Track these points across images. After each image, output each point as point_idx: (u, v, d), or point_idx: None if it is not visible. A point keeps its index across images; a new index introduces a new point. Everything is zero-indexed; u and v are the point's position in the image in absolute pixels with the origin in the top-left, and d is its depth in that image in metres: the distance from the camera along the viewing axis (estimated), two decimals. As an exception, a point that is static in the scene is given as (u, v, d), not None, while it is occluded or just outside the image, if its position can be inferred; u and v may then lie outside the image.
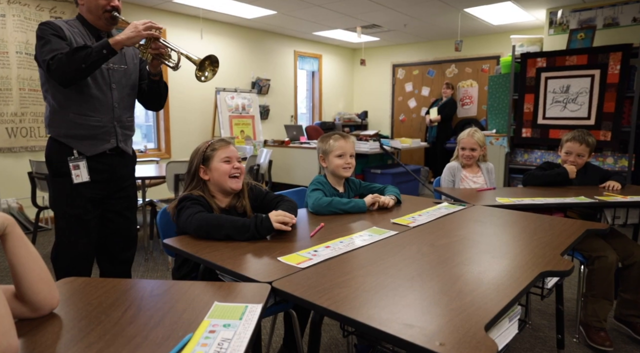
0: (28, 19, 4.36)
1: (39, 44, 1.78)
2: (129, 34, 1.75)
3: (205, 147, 1.66)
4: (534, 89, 4.84)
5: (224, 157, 1.65)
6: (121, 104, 1.99)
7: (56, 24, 1.82)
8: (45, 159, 1.94)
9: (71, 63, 1.69)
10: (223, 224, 1.41)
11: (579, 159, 2.54)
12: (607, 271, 2.09)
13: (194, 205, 1.50)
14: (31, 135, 4.46)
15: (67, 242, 1.94)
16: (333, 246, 1.37)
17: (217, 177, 1.63)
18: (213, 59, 1.94)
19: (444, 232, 1.54)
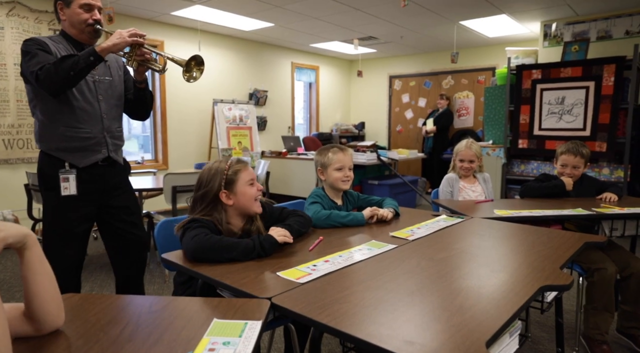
0: (26, 31, 4.38)
1: (25, 59, 1.79)
2: (115, 40, 1.78)
3: (227, 169, 1.53)
4: (530, 100, 4.89)
5: (249, 180, 1.57)
6: (109, 115, 2.00)
7: (40, 39, 1.84)
8: (37, 172, 1.95)
9: (59, 71, 1.71)
10: (227, 247, 1.35)
11: (575, 170, 2.56)
12: (607, 283, 2.08)
13: (201, 227, 1.42)
14: (28, 147, 4.45)
15: (56, 254, 1.87)
16: (332, 260, 1.36)
17: (244, 201, 1.54)
18: (198, 59, 1.95)
19: (443, 245, 1.54)
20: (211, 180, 1.53)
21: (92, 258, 3.91)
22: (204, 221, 1.47)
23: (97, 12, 1.91)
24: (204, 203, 1.53)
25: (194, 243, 1.35)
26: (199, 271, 1.27)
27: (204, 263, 1.33)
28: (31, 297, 0.86)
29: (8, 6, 4.25)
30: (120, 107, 2.10)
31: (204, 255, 1.34)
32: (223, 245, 1.36)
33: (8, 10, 4.25)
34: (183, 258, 1.37)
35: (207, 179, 1.54)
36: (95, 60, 1.75)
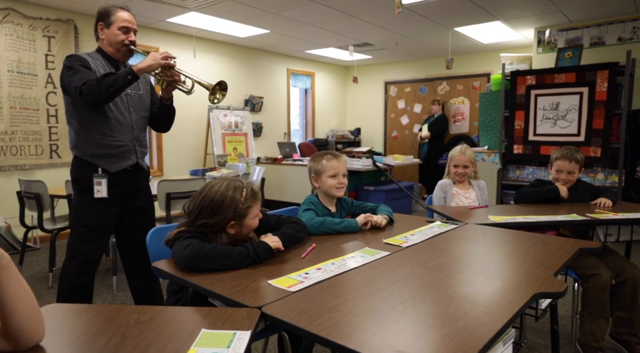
0: (20, 38, 4.36)
1: (68, 74, 2.00)
2: (150, 62, 2.00)
3: (242, 203, 1.47)
4: (524, 106, 4.91)
5: (257, 214, 1.54)
6: (138, 125, 2.23)
7: (82, 56, 2.07)
8: (71, 176, 2.17)
9: (101, 88, 1.92)
10: (221, 255, 1.33)
11: (570, 176, 2.56)
12: (602, 289, 2.08)
13: (193, 237, 1.39)
14: (21, 154, 4.42)
15: (84, 250, 2.12)
16: (324, 268, 1.35)
17: (246, 232, 1.53)
18: (223, 85, 2.21)
19: (436, 252, 1.52)
20: (226, 209, 1.45)
21: (85, 266, 3.86)
22: (196, 234, 1.43)
23: (132, 34, 2.14)
24: (209, 228, 1.46)
25: (187, 252, 1.32)
26: (190, 280, 1.25)
27: (197, 272, 1.31)
28: (8, 316, 0.84)
29: (2, 13, 4.23)
30: (147, 119, 2.32)
31: (198, 263, 1.31)
32: (217, 253, 1.34)
33: (2, 17, 4.24)
34: (174, 267, 1.35)
35: (220, 208, 1.45)
36: (132, 79, 1.98)
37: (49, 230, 3.35)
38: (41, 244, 4.45)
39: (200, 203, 1.47)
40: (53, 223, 3.52)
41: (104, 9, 2.12)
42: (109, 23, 2.10)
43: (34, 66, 4.46)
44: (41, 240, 4.47)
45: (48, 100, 4.58)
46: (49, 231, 3.35)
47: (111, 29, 2.09)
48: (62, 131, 4.70)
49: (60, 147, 4.69)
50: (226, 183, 1.49)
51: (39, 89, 4.51)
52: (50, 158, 4.62)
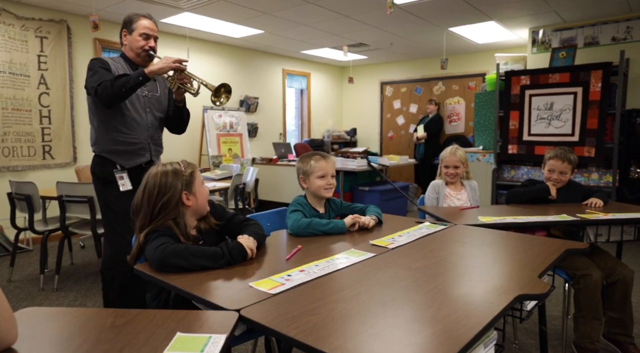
0: (12, 38, 4.34)
1: (89, 75, 2.15)
2: (161, 65, 2.12)
3: (182, 172, 1.53)
4: (519, 106, 4.90)
5: (202, 180, 1.62)
6: (154, 125, 2.37)
7: (103, 59, 2.23)
8: (92, 172, 2.31)
9: (114, 87, 2.05)
10: (195, 254, 1.33)
11: (562, 176, 2.55)
12: (593, 290, 2.07)
13: (162, 236, 1.39)
14: (13, 155, 4.40)
15: (121, 241, 2.23)
16: (308, 270, 1.34)
17: (202, 200, 1.57)
18: (227, 88, 2.33)
19: (422, 254, 1.51)
20: (172, 183, 1.49)
21: (77, 267, 3.85)
22: (162, 230, 1.43)
23: (152, 41, 2.28)
24: (168, 208, 1.48)
25: (159, 252, 1.31)
26: (171, 282, 1.24)
27: (174, 273, 1.29)
28: None
29: (-6, 13, 4.21)
30: (163, 120, 2.45)
31: (170, 262, 1.31)
32: (190, 252, 1.34)
33: (-6, 18, 4.22)
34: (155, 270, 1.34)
35: (167, 184, 1.49)
36: (144, 80, 2.10)
37: (40, 231, 3.33)
38: (34, 246, 4.43)
39: (145, 193, 1.49)
40: (45, 224, 3.50)
41: (128, 17, 2.27)
42: (131, 29, 2.25)
43: (26, 67, 4.44)
44: (33, 242, 4.45)
45: (41, 101, 4.56)
46: (40, 233, 3.33)
47: (133, 35, 2.24)
48: (55, 132, 4.68)
49: (53, 148, 4.67)
50: (159, 165, 1.56)
51: (32, 89, 4.49)
52: (43, 159, 4.60)
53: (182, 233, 1.49)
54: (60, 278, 3.46)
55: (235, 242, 1.43)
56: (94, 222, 3.15)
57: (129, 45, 2.28)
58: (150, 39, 2.26)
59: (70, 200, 3.18)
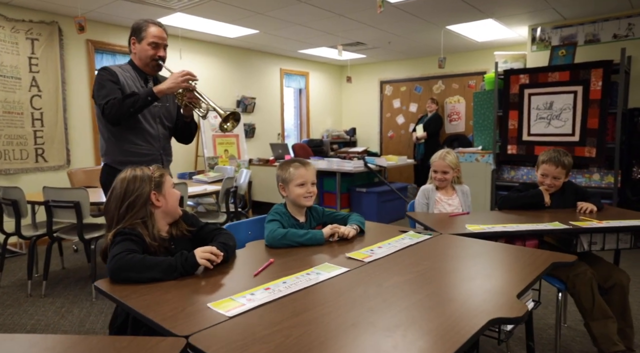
0: (2, 40, 4.30)
1: (96, 88, 2.13)
2: (170, 84, 2.10)
3: (152, 173, 1.55)
4: (518, 106, 4.80)
5: (172, 183, 1.63)
6: (165, 135, 2.36)
7: (112, 69, 2.18)
8: (101, 183, 2.31)
9: (122, 108, 2.05)
10: (149, 267, 1.30)
11: (556, 181, 2.46)
12: (590, 287, 1.98)
13: (125, 241, 1.37)
14: (5, 158, 4.36)
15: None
16: (273, 288, 1.27)
17: (172, 202, 1.57)
18: (237, 116, 2.30)
19: (398, 269, 1.44)
20: (140, 185, 1.50)
21: (68, 272, 3.81)
22: (128, 232, 1.41)
23: (162, 50, 2.23)
24: (135, 208, 1.48)
25: (114, 262, 1.29)
26: (126, 301, 1.18)
27: (137, 291, 1.23)
28: None
29: (-16, 16, 4.17)
30: (172, 129, 2.42)
31: (124, 275, 1.29)
32: (145, 265, 1.30)
33: (-16, 20, 4.18)
34: (114, 286, 1.28)
35: (135, 185, 1.50)
36: (152, 100, 2.09)
37: (27, 237, 3.29)
38: (26, 250, 4.39)
39: (113, 193, 1.50)
40: (34, 229, 3.46)
41: (137, 24, 2.22)
42: (140, 38, 2.20)
43: (17, 69, 4.40)
44: (26, 246, 4.42)
45: (32, 104, 4.52)
46: (27, 238, 3.29)
47: (142, 43, 2.20)
48: (48, 135, 4.64)
49: (46, 151, 4.63)
50: (129, 170, 1.55)
51: (23, 92, 4.45)
52: (35, 162, 4.57)
53: (149, 235, 1.47)
54: (49, 284, 3.43)
55: (191, 253, 1.38)
56: (80, 227, 3.10)
57: (137, 54, 2.23)
58: (159, 48, 2.22)
59: (57, 205, 3.13)
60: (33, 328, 2.70)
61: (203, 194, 3.69)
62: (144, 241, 1.43)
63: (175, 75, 2.12)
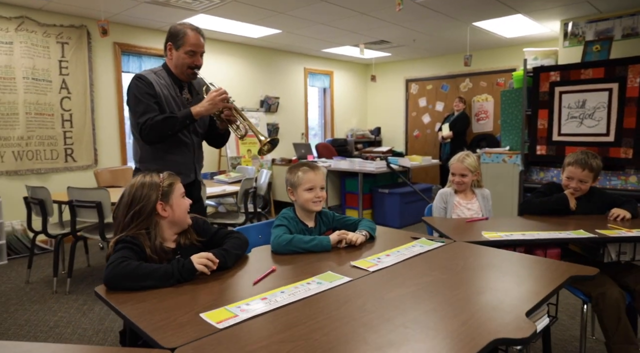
0: (35, 45, 4.46)
1: (133, 101, 2.09)
2: (207, 106, 2.07)
3: (162, 181, 1.53)
4: (548, 104, 4.59)
5: (183, 192, 1.59)
6: (199, 144, 2.33)
7: (148, 79, 2.10)
8: None
9: (160, 131, 2.04)
10: (144, 275, 1.29)
11: (582, 184, 2.32)
12: (615, 309, 1.85)
13: (124, 249, 1.37)
14: (37, 158, 4.53)
15: None
16: (270, 298, 1.23)
17: (179, 213, 1.55)
18: (275, 142, 2.22)
19: (403, 279, 1.38)
20: (147, 193, 1.49)
21: (93, 269, 3.91)
22: (129, 240, 1.41)
23: (199, 58, 2.15)
24: (140, 218, 1.47)
25: (109, 270, 1.29)
26: (121, 309, 1.17)
27: (132, 299, 1.22)
28: None
29: (17, 21, 4.34)
30: (204, 135, 2.38)
31: (118, 283, 1.28)
32: (140, 274, 1.29)
33: (17, 25, 4.34)
34: (111, 293, 1.28)
35: (142, 194, 1.49)
36: (190, 123, 2.09)
37: (53, 235, 3.39)
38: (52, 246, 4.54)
39: (122, 201, 1.50)
40: (61, 228, 3.57)
41: (175, 29, 2.13)
42: (178, 45, 2.11)
43: (48, 72, 4.56)
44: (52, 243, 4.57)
45: (62, 105, 4.67)
46: (53, 236, 3.39)
47: (179, 51, 2.11)
48: (77, 135, 4.78)
49: (75, 151, 4.78)
50: (140, 176, 1.54)
51: (54, 94, 4.61)
52: (65, 162, 4.72)
53: (150, 246, 1.45)
54: (74, 281, 3.53)
55: (188, 259, 1.37)
56: (102, 226, 3.17)
57: (174, 61, 2.15)
58: (196, 56, 2.14)
59: (80, 205, 3.22)
60: (55, 325, 2.78)
61: (222, 195, 3.71)
62: (144, 251, 1.42)
63: (212, 95, 2.06)
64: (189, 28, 2.12)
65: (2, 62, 4.26)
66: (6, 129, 4.32)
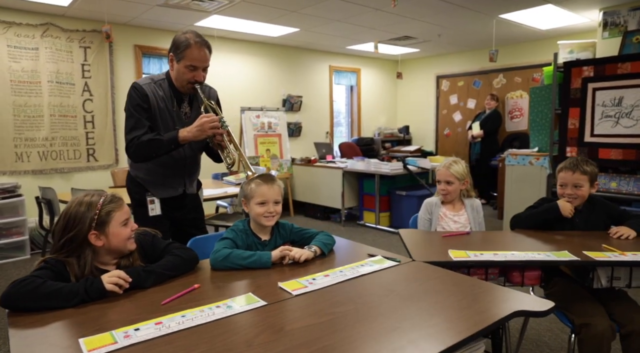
0: (59, 50, 4.66)
1: (126, 112, 2.04)
2: (195, 132, 1.94)
3: (99, 209, 1.42)
4: (580, 102, 4.20)
5: (123, 220, 1.47)
6: (192, 160, 2.22)
7: (144, 90, 2.01)
8: (128, 192, 2.22)
9: (146, 150, 1.98)
10: (47, 295, 1.24)
11: (577, 190, 2.06)
12: (598, 343, 1.64)
13: (42, 269, 1.32)
14: (60, 158, 4.75)
15: None
16: (166, 323, 1.16)
17: (116, 243, 1.45)
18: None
19: (321, 307, 1.26)
20: (80, 221, 1.40)
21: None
22: (52, 263, 1.36)
23: (200, 73, 2.03)
24: (71, 245, 1.40)
25: (9, 288, 1.24)
26: (10, 327, 1.15)
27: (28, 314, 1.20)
28: None
29: (42, 28, 4.56)
30: (202, 150, 2.28)
31: (16, 302, 1.23)
32: (42, 293, 1.24)
33: (42, 32, 4.56)
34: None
35: (75, 218, 1.40)
36: (176, 147, 1.99)
37: (61, 234, 3.53)
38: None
39: (58, 225, 1.42)
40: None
41: (177, 40, 2.00)
42: (179, 57, 1.99)
43: (71, 76, 4.76)
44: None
45: (85, 107, 4.87)
46: (61, 235, 3.53)
47: (180, 64, 2.00)
48: (99, 136, 4.97)
49: (96, 151, 4.98)
50: (82, 195, 1.46)
51: (76, 97, 4.81)
52: (87, 161, 4.93)
53: (77, 273, 1.39)
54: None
55: (98, 278, 1.32)
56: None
57: (174, 73, 2.05)
58: (197, 70, 2.01)
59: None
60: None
61: (222, 197, 3.70)
62: (66, 278, 1.36)
63: (202, 121, 1.94)
64: (193, 39, 1.96)
65: (29, 67, 4.50)
66: (32, 130, 4.56)
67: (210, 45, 2.06)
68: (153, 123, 2.05)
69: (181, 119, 2.11)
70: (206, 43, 2.02)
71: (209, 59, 2.06)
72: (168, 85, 2.08)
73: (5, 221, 4.08)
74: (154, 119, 2.05)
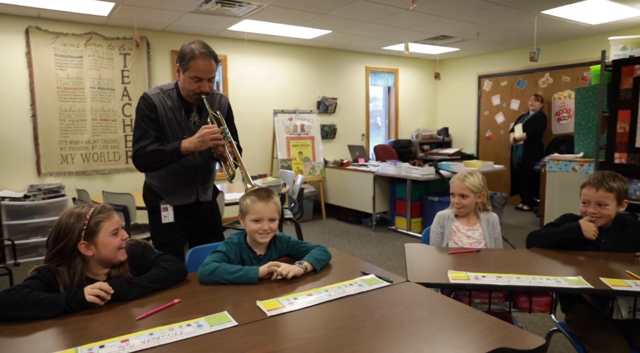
0: (101, 57, 4.91)
1: (135, 124, 2.10)
2: (196, 143, 1.97)
3: (88, 219, 1.46)
4: (631, 104, 3.86)
5: (113, 230, 1.50)
6: (204, 168, 2.23)
7: (152, 101, 2.06)
8: (143, 199, 2.28)
9: (149, 161, 2.04)
10: (30, 305, 1.28)
11: (602, 209, 1.88)
12: None
13: (32, 279, 1.38)
14: (102, 160, 5.00)
15: None
16: (132, 341, 1.16)
17: (106, 253, 1.48)
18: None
19: (290, 331, 1.21)
20: (70, 231, 1.45)
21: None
22: (43, 273, 1.41)
23: (205, 83, 2.03)
24: (61, 255, 1.45)
25: None
26: (-5, 339, 1.20)
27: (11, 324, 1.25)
28: None
29: (86, 37, 4.81)
30: (214, 158, 2.23)
31: (5, 312, 1.27)
32: (27, 303, 1.28)
33: (86, 41, 4.82)
34: None
35: (65, 229, 1.45)
36: (178, 158, 2.02)
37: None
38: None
39: (51, 235, 1.46)
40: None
41: (183, 51, 2.01)
42: (184, 68, 2.01)
43: (112, 81, 4.99)
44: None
45: (124, 112, 5.10)
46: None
47: (185, 74, 2.02)
48: (137, 139, 5.19)
49: (135, 153, 5.19)
50: (73, 206, 1.50)
51: (116, 101, 5.04)
52: (126, 163, 5.15)
53: (67, 282, 1.43)
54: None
55: (80, 290, 1.35)
56: (127, 230, 3.38)
57: (181, 84, 2.08)
58: (202, 81, 2.01)
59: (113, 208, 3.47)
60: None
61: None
62: (55, 288, 1.40)
63: (204, 132, 1.95)
64: (198, 50, 1.97)
65: (74, 74, 4.77)
66: (76, 133, 4.83)
67: (216, 56, 2.05)
68: (162, 133, 2.08)
69: (190, 129, 2.12)
70: (212, 54, 2.02)
71: (215, 70, 2.06)
72: (177, 94, 2.10)
73: (49, 219, 4.36)
74: (163, 128, 2.08)
